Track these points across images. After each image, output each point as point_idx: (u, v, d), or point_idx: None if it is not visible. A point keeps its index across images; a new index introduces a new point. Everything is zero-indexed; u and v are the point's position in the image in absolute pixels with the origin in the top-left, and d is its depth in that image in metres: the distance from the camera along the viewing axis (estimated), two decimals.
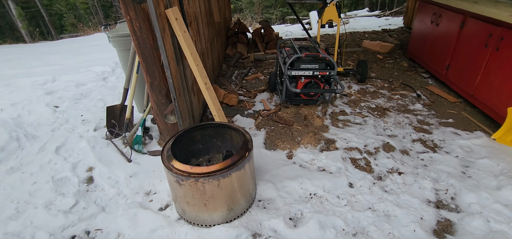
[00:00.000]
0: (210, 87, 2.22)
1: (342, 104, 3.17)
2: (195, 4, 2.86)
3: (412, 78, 3.80)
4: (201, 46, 3.08)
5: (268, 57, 4.98)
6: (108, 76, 4.55)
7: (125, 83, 2.62)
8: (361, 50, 5.09)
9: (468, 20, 2.99)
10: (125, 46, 2.71)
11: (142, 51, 2.05)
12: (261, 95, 3.48)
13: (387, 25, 7.39)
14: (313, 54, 2.82)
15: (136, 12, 1.89)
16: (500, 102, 2.55)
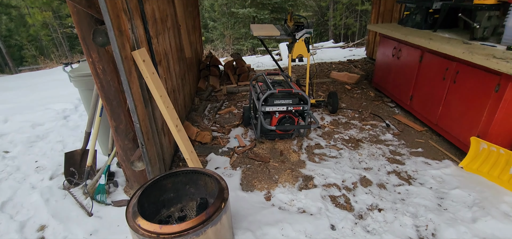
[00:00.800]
0: (181, 130, 2.09)
1: (317, 137, 3.18)
2: (165, 42, 2.79)
3: (380, 108, 3.96)
4: (172, 83, 2.97)
5: (240, 89, 4.97)
6: (70, 114, 4.21)
7: (87, 127, 2.40)
8: (330, 81, 5.29)
9: (426, 54, 3.22)
10: (88, 86, 2.52)
11: (106, 94, 1.89)
12: (235, 130, 3.40)
13: (352, 56, 7.85)
14: (286, 90, 2.83)
15: (99, 54, 1.77)
16: (462, 131, 2.71)
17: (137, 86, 1.91)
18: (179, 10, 3.43)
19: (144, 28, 2.12)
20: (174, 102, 3.00)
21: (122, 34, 1.72)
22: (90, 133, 2.41)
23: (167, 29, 2.93)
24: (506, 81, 2.27)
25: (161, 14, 2.74)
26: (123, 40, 1.73)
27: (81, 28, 1.66)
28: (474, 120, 2.58)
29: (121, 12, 1.71)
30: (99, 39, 1.56)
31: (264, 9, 12.76)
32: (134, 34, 1.94)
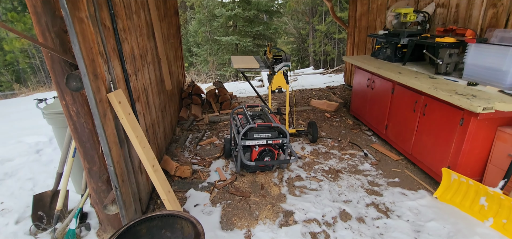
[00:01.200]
0: (158, 170, 2.05)
1: (298, 168, 3.21)
2: (144, 77, 2.79)
3: (358, 137, 4.09)
4: (151, 117, 2.94)
5: (222, 118, 4.98)
6: (44, 148, 4.02)
7: (59, 167, 2.30)
8: (311, 109, 5.42)
9: (397, 87, 3.41)
10: (62, 124, 2.44)
11: (80, 136, 1.84)
12: (216, 163, 3.37)
13: (331, 82, 8.14)
14: (266, 124, 2.87)
15: (73, 97, 1.74)
16: (434, 161, 2.84)
17: (112, 128, 1.88)
18: (159, 44, 3.47)
19: (121, 68, 2.12)
20: (153, 136, 2.96)
21: (97, 77, 1.71)
22: (62, 173, 2.31)
23: (147, 64, 2.94)
24: (468, 116, 2.43)
25: (141, 51, 2.76)
26: (98, 84, 1.71)
27: (55, 72, 1.64)
28: (444, 151, 2.71)
29: (97, 56, 1.71)
30: (72, 85, 1.54)
31: (247, 37, 13.13)
32: (110, 75, 1.93)
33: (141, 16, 2.82)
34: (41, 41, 1.48)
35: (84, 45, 1.52)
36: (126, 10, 2.31)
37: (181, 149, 3.78)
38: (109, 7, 1.86)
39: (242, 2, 13.01)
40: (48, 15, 1.44)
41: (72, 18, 1.38)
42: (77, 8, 1.47)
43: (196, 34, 15.06)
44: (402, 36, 3.70)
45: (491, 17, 3.16)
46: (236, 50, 13.51)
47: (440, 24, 3.87)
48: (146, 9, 3.01)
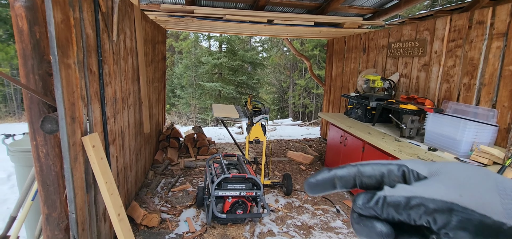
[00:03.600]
0: (123, 219, 1.98)
1: (270, 222, 3.18)
2: (122, 120, 2.80)
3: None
4: (124, 160, 2.88)
5: (198, 164, 4.93)
6: (0, 185, 3.72)
7: (14, 211, 2.14)
8: (287, 160, 5.53)
9: (367, 146, 3.64)
10: (27, 163, 2.34)
11: (44, 179, 1.78)
12: (187, 212, 3.27)
13: (308, 134, 8.43)
14: (240, 175, 2.91)
15: (45, 139, 1.71)
16: None
17: (81, 172, 1.84)
18: (143, 88, 3.54)
19: (101, 111, 2.14)
20: (124, 181, 2.87)
21: (75, 121, 1.72)
22: (16, 217, 2.14)
23: (127, 106, 2.97)
24: None
25: (123, 94, 2.80)
26: (75, 127, 1.72)
27: (31, 112, 1.64)
28: None
29: (78, 100, 1.74)
30: (47, 127, 1.54)
31: (230, 85, 13.59)
32: (89, 119, 1.95)
33: (129, 61, 2.92)
34: (24, 82, 1.50)
35: (66, 89, 1.56)
36: (115, 56, 2.41)
37: (152, 194, 3.64)
38: (98, 54, 1.95)
39: (228, 53, 13.71)
40: (36, 58, 1.49)
41: (60, 65, 1.44)
42: (66, 55, 1.54)
43: (182, 77, 15.38)
44: (371, 99, 4.05)
45: (446, 91, 3.58)
46: (219, 96, 13.84)
47: (404, 91, 4.31)
48: (134, 55, 3.14)
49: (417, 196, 0.25)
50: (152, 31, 4.32)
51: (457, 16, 3.30)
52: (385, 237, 0.26)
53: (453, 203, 0.24)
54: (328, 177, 0.30)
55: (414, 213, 0.25)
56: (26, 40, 1.45)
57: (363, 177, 0.29)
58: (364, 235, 0.27)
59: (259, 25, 4.36)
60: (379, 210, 0.26)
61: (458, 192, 0.24)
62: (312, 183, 0.30)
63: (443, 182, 0.25)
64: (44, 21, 1.45)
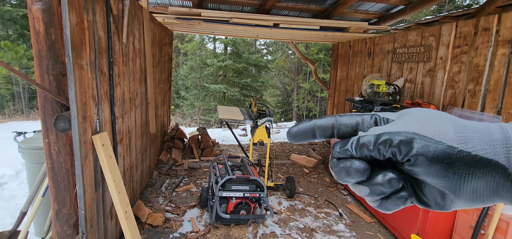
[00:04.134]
0: (130, 216, 2.02)
1: (273, 224, 3.20)
2: (130, 120, 2.85)
3: (334, 195, 4.19)
4: (131, 160, 2.94)
5: (202, 165, 4.98)
6: (8, 181, 3.80)
7: (24, 206, 2.20)
8: (290, 163, 5.55)
9: None
10: (38, 160, 2.40)
11: (55, 176, 1.83)
12: (191, 212, 3.30)
13: None
14: (244, 176, 2.94)
15: (56, 136, 1.77)
16: (404, 227, 2.95)
17: (91, 169, 1.89)
18: (150, 89, 3.60)
19: (110, 111, 2.20)
20: (130, 179, 2.92)
21: (86, 120, 1.78)
22: (26, 213, 2.20)
23: (135, 107, 3.03)
24: None
25: (131, 94, 2.86)
26: (86, 126, 1.77)
27: (45, 111, 1.70)
28: (413, 217, 2.85)
29: (89, 100, 1.80)
30: (60, 125, 1.60)
31: (235, 87, 13.66)
32: (99, 118, 2.00)
33: (137, 62, 2.99)
34: (39, 82, 1.56)
35: (79, 89, 1.62)
36: (124, 57, 2.47)
37: (157, 194, 3.69)
38: (109, 55, 2.01)
39: (233, 55, 13.80)
40: (51, 59, 1.55)
41: (74, 65, 1.50)
42: (80, 56, 1.60)
43: (186, 78, 15.51)
44: (376, 104, 4.06)
45: (450, 96, 3.58)
46: (224, 98, 13.92)
47: (408, 97, 4.31)
48: (142, 56, 3.20)
49: (385, 132, 0.28)
50: (160, 33, 4.40)
51: (463, 23, 3.31)
52: (362, 172, 0.29)
53: (415, 133, 0.27)
54: (309, 126, 0.32)
55: (382, 147, 0.28)
56: (42, 41, 1.51)
57: (340, 125, 0.31)
58: (343, 175, 0.30)
59: (265, 28, 4.41)
60: (354, 150, 0.29)
61: (420, 125, 0.28)
62: (295, 131, 0.33)
63: (407, 120, 0.29)
64: (59, 23, 1.51)
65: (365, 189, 0.30)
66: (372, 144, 0.28)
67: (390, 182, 0.29)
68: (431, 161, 0.26)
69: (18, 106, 12.78)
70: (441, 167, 0.26)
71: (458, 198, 0.28)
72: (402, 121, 0.29)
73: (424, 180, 0.29)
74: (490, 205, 0.29)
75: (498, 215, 2.35)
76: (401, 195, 0.30)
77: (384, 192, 0.30)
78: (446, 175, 0.27)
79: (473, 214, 2.55)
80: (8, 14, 10.03)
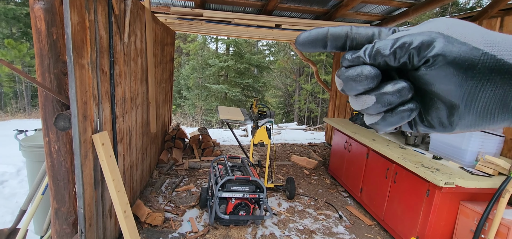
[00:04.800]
0: (129, 216, 2.03)
1: (272, 225, 3.20)
2: (130, 119, 2.86)
3: (334, 197, 4.18)
4: (131, 159, 2.94)
5: (203, 165, 4.98)
6: (8, 179, 3.82)
7: (24, 204, 2.21)
8: (291, 164, 5.54)
9: (371, 152, 3.64)
10: (38, 158, 2.41)
11: (55, 174, 1.84)
12: (190, 212, 3.31)
13: (312, 139, 8.42)
14: (244, 177, 2.94)
15: (57, 135, 1.78)
16: (404, 230, 2.93)
17: (91, 169, 1.89)
18: (151, 89, 3.61)
19: (111, 110, 2.21)
20: (130, 179, 2.93)
21: (86, 119, 1.78)
22: (26, 211, 2.21)
23: (136, 106, 3.04)
24: (433, 188, 2.61)
25: (132, 94, 2.87)
26: (86, 125, 1.78)
27: (45, 110, 1.70)
28: (413, 220, 2.83)
29: (90, 99, 1.80)
30: (61, 124, 1.60)
31: (236, 87, 13.67)
32: (99, 117, 2.01)
33: (138, 62, 2.99)
34: (40, 80, 1.57)
35: (80, 88, 1.62)
36: (125, 57, 2.48)
37: (156, 193, 3.70)
38: (110, 55, 2.01)
39: (235, 55, 13.82)
40: (52, 58, 1.55)
41: (74, 65, 1.50)
42: (81, 56, 1.61)
43: (188, 78, 15.53)
44: None
45: None
46: (225, 98, 13.93)
47: None
48: (143, 56, 3.21)
49: (405, 34, 0.26)
50: (161, 33, 4.41)
51: None
52: (373, 77, 0.27)
53: (439, 33, 0.25)
54: (321, 32, 0.29)
55: (399, 50, 0.25)
56: (44, 40, 1.51)
57: (355, 35, 0.29)
58: (350, 82, 0.28)
59: (267, 29, 4.41)
60: (367, 57, 0.27)
61: (445, 27, 0.26)
62: (304, 37, 0.30)
63: (431, 24, 0.27)
64: (61, 23, 1.52)
65: (371, 98, 0.27)
66: (388, 48, 0.26)
67: (400, 91, 0.27)
68: (451, 62, 0.25)
69: (20, 105, 12.86)
70: (460, 70, 0.25)
71: (468, 111, 0.26)
72: (427, 25, 0.27)
73: (435, 91, 0.27)
74: (496, 125, 0.27)
75: (499, 219, 2.34)
76: (409, 106, 0.27)
77: (392, 101, 0.27)
78: (464, 80, 0.25)
79: (473, 218, 2.54)
80: (11, 12, 10.09)
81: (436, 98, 0.28)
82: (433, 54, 0.25)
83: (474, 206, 2.56)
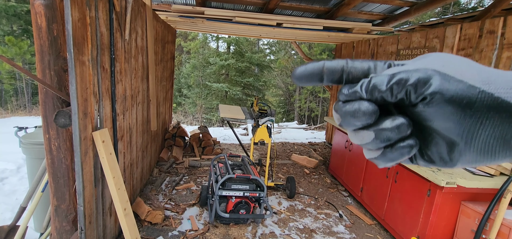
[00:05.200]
0: (129, 214, 2.02)
1: (272, 224, 3.19)
2: (131, 117, 2.85)
3: (334, 196, 4.17)
4: (131, 157, 2.94)
5: (203, 163, 4.97)
6: (9, 176, 3.82)
7: (24, 201, 2.20)
8: (291, 163, 5.54)
9: None
10: (38, 155, 2.40)
11: (55, 171, 1.83)
12: (190, 210, 3.30)
13: (313, 138, 8.42)
14: (244, 175, 2.93)
15: (57, 132, 1.77)
16: (405, 230, 2.93)
17: (91, 166, 1.89)
18: (152, 86, 3.60)
19: (111, 107, 2.20)
20: (130, 177, 2.92)
21: (87, 116, 1.77)
22: (26, 208, 2.21)
23: (136, 104, 3.03)
24: (435, 188, 2.61)
25: (133, 91, 2.86)
26: (86, 122, 1.77)
27: (45, 106, 1.70)
28: (414, 220, 2.82)
29: (90, 96, 1.80)
30: (61, 121, 1.60)
31: (237, 86, 13.65)
32: (99, 114, 2.00)
33: (139, 60, 2.98)
34: (40, 77, 1.56)
35: (80, 85, 1.62)
36: (126, 54, 2.47)
37: (156, 191, 3.70)
38: (111, 52, 2.00)
39: (236, 54, 13.79)
40: (53, 55, 1.54)
41: (75, 61, 1.49)
42: (82, 52, 1.60)
43: (189, 76, 15.52)
44: None
45: None
46: (226, 97, 13.92)
47: None
48: (144, 54, 3.20)
49: (401, 71, 0.26)
50: (162, 31, 4.39)
51: (467, 25, 3.28)
52: (371, 114, 0.27)
53: (435, 70, 0.25)
54: (317, 67, 0.29)
55: (396, 86, 0.26)
56: (44, 37, 1.50)
57: (351, 69, 0.29)
58: (348, 117, 0.28)
59: (268, 28, 4.40)
60: (363, 92, 0.27)
61: (441, 63, 0.26)
62: (301, 71, 0.30)
63: (426, 60, 0.27)
64: (61, 19, 1.51)
65: (370, 134, 0.27)
66: (385, 84, 0.26)
67: (399, 128, 0.27)
68: (449, 100, 0.25)
69: (20, 102, 12.86)
70: (458, 108, 0.25)
71: (468, 148, 0.26)
72: (421, 61, 0.27)
73: (434, 127, 0.27)
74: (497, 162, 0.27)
75: (500, 219, 2.33)
76: (408, 142, 0.27)
77: (390, 138, 0.27)
78: (463, 118, 0.25)
79: (474, 218, 2.53)
80: (12, 9, 10.08)
81: (435, 134, 0.28)
82: (430, 92, 0.25)
83: (476, 206, 2.55)
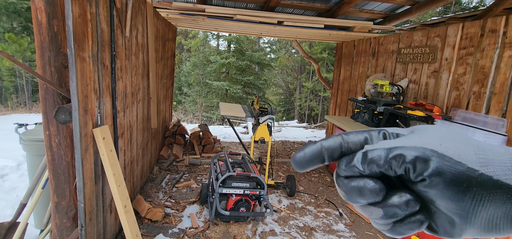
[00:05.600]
0: (129, 211, 2.02)
1: (272, 222, 3.19)
2: (131, 114, 2.85)
3: (334, 195, 4.17)
4: (131, 154, 2.93)
5: (203, 161, 4.97)
6: (9, 173, 3.82)
7: (24, 198, 2.20)
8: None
9: None
10: (38, 152, 2.40)
11: (55, 168, 1.83)
12: (190, 208, 3.30)
13: (313, 137, 8.42)
14: (245, 173, 2.93)
15: (57, 128, 1.76)
16: None
17: (91, 163, 1.88)
18: (152, 84, 3.60)
19: (112, 104, 2.19)
20: (130, 174, 2.92)
21: (87, 112, 1.77)
22: (26, 204, 2.21)
23: (136, 101, 3.03)
24: None
25: (133, 89, 2.86)
26: (87, 119, 1.77)
27: (46, 103, 1.69)
28: None
29: (90, 93, 1.79)
30: (61, 117, 1.59)
31: (237, 84, 13.64)
32: (100, 111, 2.00)
33: (139, 57, 2.98)
34: (41, 73, 1.56)
35: (81, 82, 1.61)
36: (127, 51, 2.46)
37: (157, 189, 3.70)
38: (112, 49, 2.00)
39: (237, 52, 13.78)
40: (53, 51, 1.54)
41: (75, 58, 1.49)
42: (82, 48, 1.59)
43: (189, 75, 15.50)
44: (379, 104, 4.03)
45: (455, 98, 3.54)
46: (226, 95, 13.91)
47: (412, 97, 4.28)
48: (145, 51, 3.19)
49: (398, 146, 0.26)
50: (163, 29, 4.38)
51: (469, 24, 3.27)
52: (378, 192, 0.26)
53: (432, 150, 0.25)
54: (316, 150, 0.29)
55: (395, 162, 0.25)
56: (45, 33, 1.50)
57: (348, 144, 0.29)
58: (355, 195, 0.27)
59: (269, 26, 4.39)
60: (362, 166, 0.27)
61: (438, 142, 0.25)
62: (300, 156, 0.29)
63: (422, 136, 0.27)
64: (62, 15, 1.50)
65: (378, 211, 0.27)
66: (382, 159, 0.26)
67: (407, 204, 0.26)
68: (448, 183, 0.24)
69: (21, 99, 12.86)
70: (458, 190, 0.24)
71: (470, 226, 0.26)
72: (417, 136, 0.27)
73: (436, 206, 0.27)
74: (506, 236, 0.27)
75: None
76: (418, 218, 0.27)
77: (399, 214, 0.27)
78: (462, 200, 0.25)
79: None
80: (12, 6, 10.07)
81: (437, 209, 0.27)
82: (429, 174, 0.25)
83: None
